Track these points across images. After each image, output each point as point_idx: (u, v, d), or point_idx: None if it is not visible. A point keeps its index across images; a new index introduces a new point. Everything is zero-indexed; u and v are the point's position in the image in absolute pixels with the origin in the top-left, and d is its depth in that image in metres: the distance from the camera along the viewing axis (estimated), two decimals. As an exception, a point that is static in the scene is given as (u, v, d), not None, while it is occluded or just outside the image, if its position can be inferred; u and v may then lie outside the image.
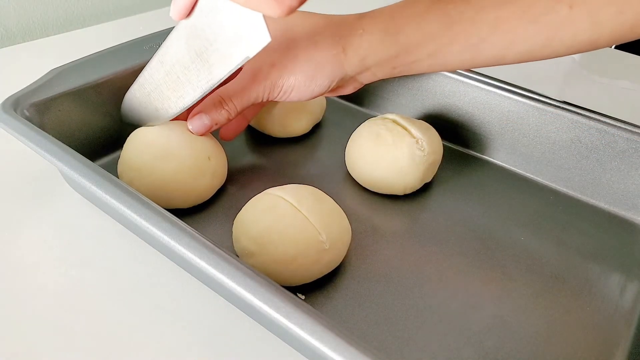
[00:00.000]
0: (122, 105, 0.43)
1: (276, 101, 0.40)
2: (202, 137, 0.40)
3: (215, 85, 0.34)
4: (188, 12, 0.31)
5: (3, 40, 0.68)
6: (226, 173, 0.43)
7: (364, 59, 0.36)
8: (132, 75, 0.45)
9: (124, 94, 0.42)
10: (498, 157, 0.50)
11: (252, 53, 0.30)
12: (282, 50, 0.36)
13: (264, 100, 0.38)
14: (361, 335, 0.32)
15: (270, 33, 0.28)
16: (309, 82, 0.36)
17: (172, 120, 0.40)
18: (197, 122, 0.39)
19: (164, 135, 0.39)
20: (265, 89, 0.37)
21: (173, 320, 0.33)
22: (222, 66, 0.32)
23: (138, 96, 0.40)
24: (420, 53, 0.35)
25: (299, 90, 0.37)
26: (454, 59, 0.35)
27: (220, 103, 0.38)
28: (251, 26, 0.28)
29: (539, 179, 0.48)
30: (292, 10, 0.23)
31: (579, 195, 0.46)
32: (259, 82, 0.37)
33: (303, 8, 0.30)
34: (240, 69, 0.39)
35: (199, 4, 0.31)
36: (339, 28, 0.36)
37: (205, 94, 0.35)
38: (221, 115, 0.38)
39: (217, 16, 0.30)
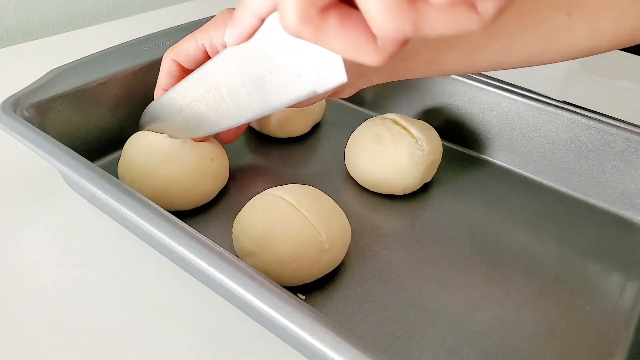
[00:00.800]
0: (144, 114, 0.41)
1: None
2: (207, 142, 0.40)
3: (270, 113, 0.31)
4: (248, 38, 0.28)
5: (3, 40, 0.68)
6: (228, 174, 0.43)
7: (360, 67, 0.36)
8: (132, 75, 0.45)
9: (124, 94, 0.42)
10: (497, 157, 0.50)
11: (321, 89, 0.26)
12: None
13: None
14: (362, 335, 0.32)
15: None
16: None
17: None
18: None
19: (167, 138, 0.39)
20: None
21: (173, 321, 0.33)
22: (282, 97, 0.29)
23: (167, 107, 0.38)
24: (418, 60, 0.35)
25: None
26: (452, 65, 0.35)
27: None
28: (325, 63, 0.25)
29: (538, 178, 0.48)
30: (392, 58, 0.21)
31: (579, 195, 0.46)
32: None
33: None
34: None
35: (261, 30, 0.27)
36: None
37: (254, 119, 0.32)
38: None
39: (283, 46, 0.26)
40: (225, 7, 0.39)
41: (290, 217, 0.34)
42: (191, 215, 0.40)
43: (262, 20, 0.26)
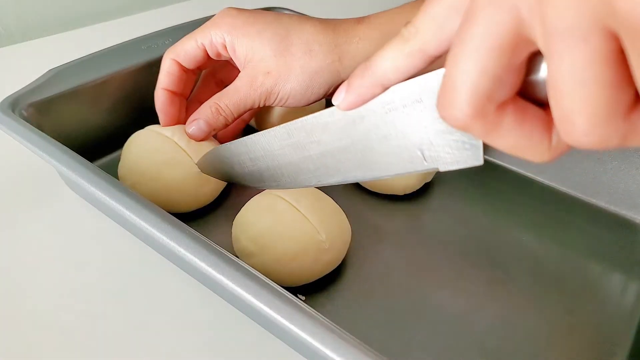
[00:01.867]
0: (206, 156, 0.37)
1: None
2: (208, 143, 0.40)
3: (368, 180, 0.27)
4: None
5: (2, 40, 0.68)
6: None
7: None
8: (132, 75, 0.45)
9: (123, 94, 0.42)
10: (498, 157, 0.50)
11: (446, 169, 0.23)
12: (277, 57, 0.36)
13: (260, 106, 0.38)
14: (362, 336, 0.32)
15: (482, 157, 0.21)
16: (304, 91, 0.36)
17: (174, 126, 0.40)
18: (195, 128, 0.38)
19: (170, 141, 0.39)
20: (261, 97, 0.37)
21: (173, 321, 0.33)
22: (392, 167, 0.25)
23: (237, 155, 0.34)
24: None
25: (295, 98, 0.37)
26: None
27: (217, 110, 0.37)
28: (461, 145, 0.21)
29: (539, 178, 0.48)
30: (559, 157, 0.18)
31: (579, 195, 0.46)
32: (255, 90, 0.36)
33: (305, 11, 0.28)
34: (237, 73, 0.38)
35: (380, 99, 0.23)
36: (335, 35, 0.36)
37: (344, 183, 0.29)
38: (218, 122, 0.38)
39: (407, 118, 0.23)
40: (225, 6, 0.39)
41: (289, 216, 0.34)
42: (191, 216, 0.40)
43: (386, 89, 0.23)
